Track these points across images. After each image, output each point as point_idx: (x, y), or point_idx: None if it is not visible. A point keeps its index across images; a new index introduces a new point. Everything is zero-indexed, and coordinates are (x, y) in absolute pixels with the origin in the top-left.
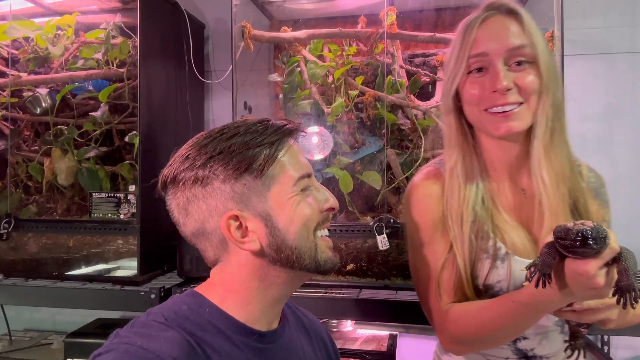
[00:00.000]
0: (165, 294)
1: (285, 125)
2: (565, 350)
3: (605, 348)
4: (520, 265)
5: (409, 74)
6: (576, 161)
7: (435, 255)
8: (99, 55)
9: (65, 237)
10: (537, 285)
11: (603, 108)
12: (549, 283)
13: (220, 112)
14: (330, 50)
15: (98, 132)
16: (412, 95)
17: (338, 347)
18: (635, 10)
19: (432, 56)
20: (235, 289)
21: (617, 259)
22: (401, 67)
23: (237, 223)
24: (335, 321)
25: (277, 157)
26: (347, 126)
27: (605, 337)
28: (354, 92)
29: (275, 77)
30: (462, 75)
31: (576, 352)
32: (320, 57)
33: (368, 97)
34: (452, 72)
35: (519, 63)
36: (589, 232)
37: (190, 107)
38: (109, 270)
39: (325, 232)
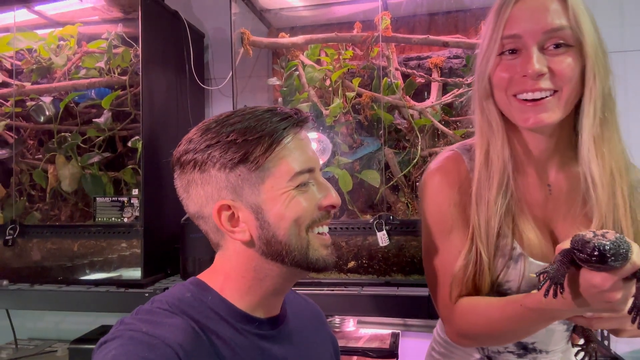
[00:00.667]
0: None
1: (288, 116)
2: (576, 354)
3: (606, 342)
4: (534, 268)
5: (404, 76)
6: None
7: (451, 246)
8: (101, 64)
9: (70, 241)
10: (546, 294)
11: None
12: (561, 293)
13: None
14: (327, 55)
15: (101, 138)
16: (407, 96)
17: (341, 345)
18: (624, 9)
19: (426, 59)
20: (233, 277)
21: (636, 275)
22: (396, 69)
23: (230, 212)
24: (337, 321)
25: (274, 150)
26: (346, 127)
27: (606, 331)
28: (351, 94)
29: (274, 80)
30: (495, 58)
31: (587, 357)
32: (318, 62)
33: (365, 99)
34: (485, 53)
35: (557, 46)
36: (608, 248)
37: (191, 113)
38: (113, 274)
39: (324, 229)
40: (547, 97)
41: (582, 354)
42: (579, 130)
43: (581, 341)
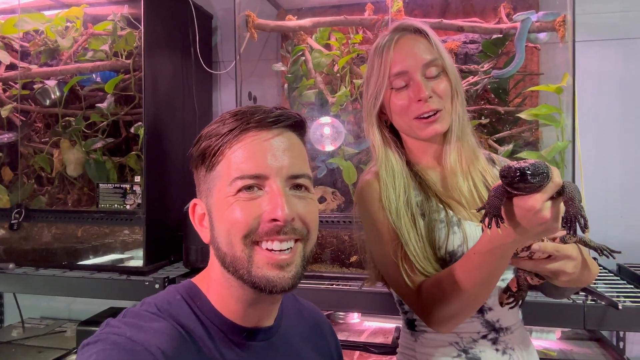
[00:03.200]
0: (169, 285)
1: (244, 117)
2: (507, 298)
3: (621, 344)
4: (471, 228)
5: None
6: (485, 152)
7: (392, 240)
8: (106, 47)
9: (74, 227)
10: (489, 226)
11: (620, 96)
12: (502, 223)
13: (228, 103)
14: (336, 39)
15: (105, 123)
16: None
17: (344, 339)
18: None
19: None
20: (215, 282)
21: (561, 193)
22: None
23: (200, 211)
24: (342, 313)
25: (224, 153)
26: (352, 116)
27: (621, 333)
28: (359, 81)
29: (279, 66)
30: (385, 91)
31: (515, 301)
32: (327, 46)
33: None
34: (373, 90)
35: (433, 75)
36: (527, 167)
37: (197, 98)
38: (116, 260)
39: (273, 245)
40: (436, 114)
41: (512, 299)
42: (449, 134)
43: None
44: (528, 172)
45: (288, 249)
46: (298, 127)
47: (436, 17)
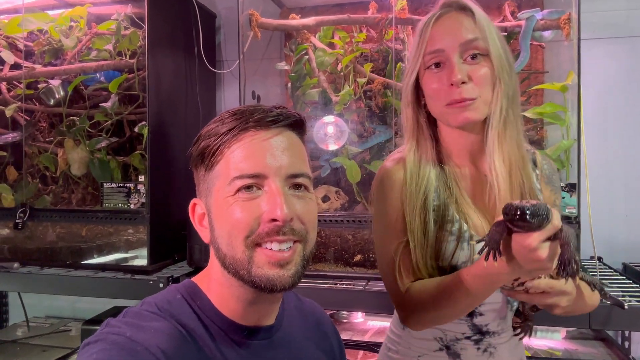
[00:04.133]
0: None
1: (243, 116)
2: (515, 329)
3: (627, 344)
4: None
5: None
6: (530, 149)
7: (396, 238)
8: (110, 47)
9: (78, 226)
10: (486, 258)
11: (625, 94)
12: (500, 256)
13: (232, 102)
14: (339, 38)
15: (109, 122)
16: None
17: (348, 338)
18: None
19: None
20: (216, 282)
21: (558, 236)
22: None
23: (200, 211)
24: (345, 313)
25: (223, 152)
26: (356, 115)
27: (626, 332)
28: (362, 80)
29: (283, 65)
30: (421, 70)
31: (523, 332)
32: (330, 45)
33: (377, 85)
34: (410, 67)
35: (473, 56)
36: (528, 208)
37: (200, 97)
38: (121, 260)
39: (272, 245)
40: (470, 101)
41: (519, 329)
42: (487, 127)
43: (509, 321)
44: (527, 212)
45: (287, 247)
46: (297, 126)
47: None
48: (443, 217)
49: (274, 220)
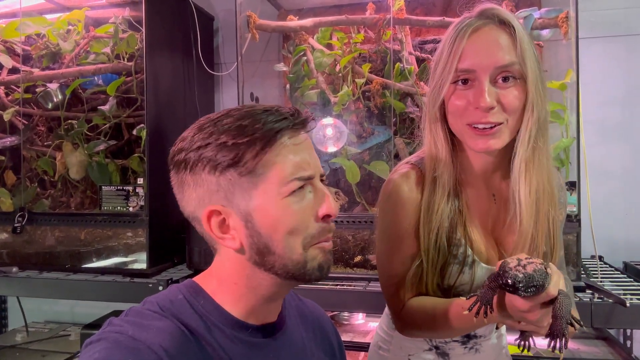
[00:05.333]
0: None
1: (284, 117)
2: (517, 339)
3: (628, 342)
4: (483, 272)
5: (420, 61)
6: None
7: (405, 254)
8: (108, 50)
9: (77, 229)
10: (476, 315)
11: (623, 92)
12: (491, 312)
13: (230, 104)
14: (337, 39)
15: (107, 125)
16: (421, 82)
17: (349, 340)
18: None
19: None
20: (227, 282)
21: (553, 302)
22: (410, 53)
23: (220, 218)
24: (346, 314)
25: (266, 154)
26: (355, 115)
27: (628, 331)
28: (361, 81)
29: (281, 66)
30: (449, 84)
31: (524, 342)
32: (328, 46)
33: (375, 85)
34: (439, 80)
35: (505, 79)
36: (520, 280)
37: (198, 100)
38: (120, 263)
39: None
40: (495, 127)
41: (520, 338)
42: (514, 154)
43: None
44: (520, 285)
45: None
46: (311, 127)
47: (438, 15)
48: (449, 239)
49: (328, 216)
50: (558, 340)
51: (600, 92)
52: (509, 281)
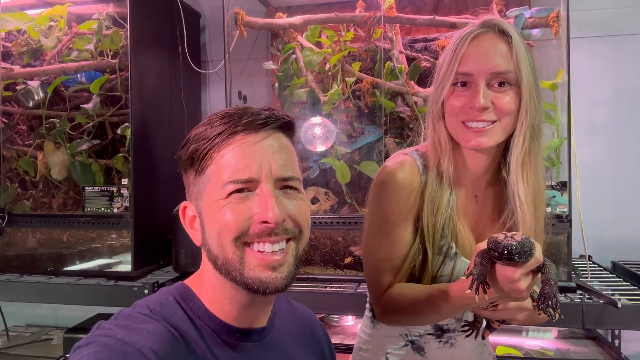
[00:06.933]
0: (158, 290)
1: (232, 120)
2: (463, 326)
3: (617, 342)
4: (463, 266)
5: (410, 60)
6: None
7: (401, 240)
8: (91, 47)
9: (59, 231)
10: (477, 292)
11: (611, 92)
12: (488, 289)
13: (217, 102)
14: (327, 37)
15: (90, 124)
16: (412, 82)
17: (339, 342)
18: None
19: (434, 40)
20: (208, 284)
21: (541, 270)
22: (401, 52)
23: (190, 214)
24: (336, 316)
25: (213, 156)
26: (345, 115)
27: (617, 331)
28: (351, 79)
29: (269, 64)
30: (449, 86)
31: (470, 331)
32: (318, 44)
33: (365, 84)
34: (441, 81)
35: (501, 84)
36: (514, 247)
37: (185, 98)
38: (104, 265)
39: (265, 246)
40: (487, 126)
41: (467, 327)
42: (509, 157)
43: (471, 317)
44: (515, 251)
45: (280, 250)
46: (287, 128)
47: (429, 13)
48: (439, 233)
49: (265, 222)
50: (551, 300)
51: (589, 92)
52: (505, 250)
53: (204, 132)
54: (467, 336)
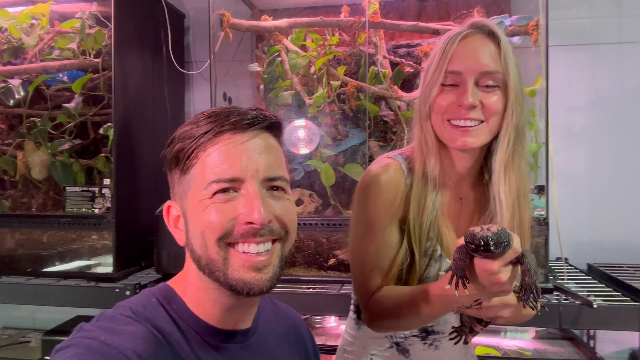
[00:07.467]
0: (141, 291)
1: (218, 119)
2: (451, 334)
3: (592, 342)
4: (448, 265)
5: (393, 65)
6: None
7: (388, 243)
8: (74, 45)
9: (39, 232)
10: (457, 287)
11: (588, 100)
12: (468, 283)
13: (201, 103)
14: (312, 40)
15: (72, 124)
16: (395, 86)
17: (321, 343)
18: (622, 0)
19: (417, 46)
20: (192, 285)
21: (520, 260)
22: (385, 57)
23: (174, 214)
24: (318, 317)
25: (198, 155)
26: (330, 118)
27: (592, 331)
28: (336, 83)
29: (255, 67)
30: (438, 85)
31: (458, 338)
32: (303, 47)
33: (350, 88)
34: (430, 81)
35: (488, 84)
36: (491, 238)
37: (169, 99)
38: (85, 267)
39: (249, 247)
40: (474, 126)
41: (454, 333)
42: (493, 158)
43: (457, 323)
44: (491, 242)
45: (265, 251)
46: (274, 128)
47: (412, 19)
48: (425, 234)
49: (250, 223)
50: (532, 291)
51: (567, 99)
52: (482, 242)
53: (190, 131)
54: (455, 343)
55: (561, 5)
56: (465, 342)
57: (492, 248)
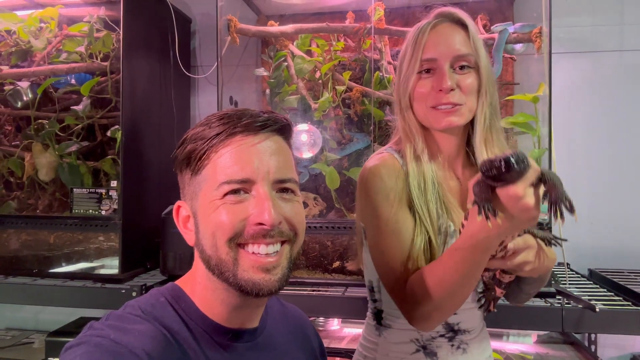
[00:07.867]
0: (146, 293)
1: (230, 121)
2: (478, 300)
3: (593, 347)
4: None
5: None
6: None
7: (405, 230)
8: (82, 49)
9: (46, 233)
10: (487, 218)
11: (589, 105)
12: (496, 215)
13: (206, 107)
14: (317, 46)
15: (80, 126)
16: None
17: (325, 346)
18: (623, 8)
19: None
20: (201, 285)
21: (542, 179)
22: (389, 63)
23: (184, 213)
24: (322, 320)
25: (210, 157)
26: (335, 122)
27: (593, 336)
28: (341, 88)
29: (261, 71)
30: (415, 75)
31: (486, 303)
32: (308, 53)
33: (355, 93)
34: (406, 72)
35: (462, 67)
36: (511, 157)
37: (175, 102)
38: (91, 268)
39: (260, 249)
40: (456, 106)
41: (483, 299)
42: (474, 136)
43: (480, 287)
44: (513, 160)
45: (274, 252)
46: (285, 131)
47: None
48: (437, 214)
49: (260, 224)
50: (564, 202)
51: (567, 106)
52: (502, 164)
53: (202, 132)
54: (481, 307)
55: (564, 13)
56: (488, 311)
57: (515, 165)
